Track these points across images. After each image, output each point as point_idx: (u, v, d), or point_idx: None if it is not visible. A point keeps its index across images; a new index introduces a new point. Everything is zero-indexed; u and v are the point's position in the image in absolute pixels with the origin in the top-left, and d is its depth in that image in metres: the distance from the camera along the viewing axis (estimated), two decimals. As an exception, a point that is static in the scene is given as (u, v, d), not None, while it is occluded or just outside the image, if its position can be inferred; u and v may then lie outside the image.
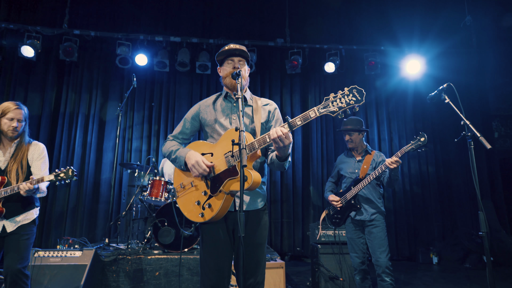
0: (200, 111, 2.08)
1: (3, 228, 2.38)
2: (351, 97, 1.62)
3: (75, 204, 5.76)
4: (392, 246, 6.10)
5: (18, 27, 5.81)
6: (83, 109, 6.05)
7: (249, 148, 1.73)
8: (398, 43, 6.50)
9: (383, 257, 2.84)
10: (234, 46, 2.02)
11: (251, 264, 1.84)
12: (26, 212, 2.47)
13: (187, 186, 1.92)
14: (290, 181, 6.35)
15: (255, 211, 1.91)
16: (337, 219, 3.14)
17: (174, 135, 2.11)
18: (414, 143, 2.65)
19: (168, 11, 6.60)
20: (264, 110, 2.04)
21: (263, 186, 2.00)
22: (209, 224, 1.85)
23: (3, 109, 2.47)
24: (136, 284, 3.50)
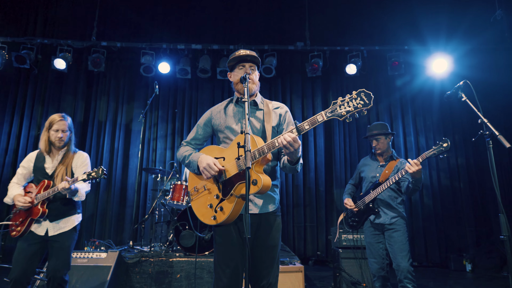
0: (212, 117, 2.12)
1: (46, 231, 2.52)
2: (359, 101, 1.60)
3: (104, 208, 6.02)
4: (421, 252, 5.90)
5: (52, 42, 6.18)
6: (110, 117, 6.33)
7: (259, 152, 1.74)
8: (424, 42, 6.31)
9: (405, 262, 2.74)
10: (244, 52, 2.06)
11: (263, 266, 1.85)
12: (68, 217, 2.60)
13: (200, 189, 1.96)
14: (312, 184, 6.28)
15: (268, 214, 1.92)
16: (354, 222, 3.08)
17: (187, 141, 2.17)
18: (436, 148, 2.56)
19: (190, 19, 6.78)
20: (275, 113, 2.05)
21: (276, 190, 2.00)
22: (222, 226, 1.88)
23: (50, 121, 2.67)
24: (158, 286, 3.59)
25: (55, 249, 2.52)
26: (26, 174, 2.71)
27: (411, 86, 6.42)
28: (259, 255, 1.85)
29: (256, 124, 2.01)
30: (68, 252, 2.55)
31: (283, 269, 3.24)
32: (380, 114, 6.46)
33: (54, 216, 2.55)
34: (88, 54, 6.17)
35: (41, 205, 2.51)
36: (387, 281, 2.96)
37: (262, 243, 1.86)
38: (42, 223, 2.54)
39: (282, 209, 5.96)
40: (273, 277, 1.86)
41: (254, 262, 1.86)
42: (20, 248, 2.49)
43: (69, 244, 2.56)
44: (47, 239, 2.53)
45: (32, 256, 2.48)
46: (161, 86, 6.43)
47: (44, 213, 2.50)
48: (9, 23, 6.43)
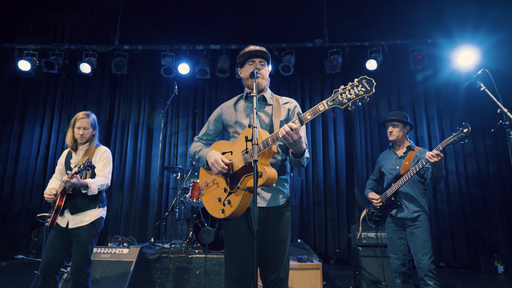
0: (223, 112, 2.15)
1: (67, 223, 2.63)
2: (361, 88, 1.57)
3: (128, 207, 6.21)
4: (448, 252, 5.66)
5: (78, 47, 6.45)
6: (133, 118, 6.53)
7: (263, 144, 1.74)
8: (449, 34, 6.06)
9: (426, 259, 2.66)
10: (254, 48, 2.07)
11: (273, 260, 1.85)
12: (87, 211, 2.67)
13: (210, 184, 1.98)
14: (333, 183, 6.19)
15: (277, 207, 1.92)
16: (377, 217, 3.00)
17: (199, 137, 2.21)
18: (456, 134, 2.46)
19: (208, 20, 6.87)
20: (284, 108, 2.05)
21: (286, 184, 2.00)
22: (231, 220, 1.90)
23: (74, 119, 2.81)
24: (178, 281, 3.66)
25: (75, 243, 2.62)
26: (62, 169, 2.85)
27: (435, 80, 6.18)
28: (268, 249, 1.85)
29: (264, 118, 2.02)
30: (85, 247, 2.61)
31: (301, 266, 3.22)
32: (403, 110, 6.26)
33: (74, 209, 2.65)
34: (112, 58, 6.40)
35: (59, 199, 2.62)
36: (408, 277, 2.87)
37: (271, 237, 1.86)
38: (65, 216, 2.65)
39: (302, 207, 5.98)
40: (284, 272, 1.85)
41: (263, 256, 1.86)
42: (49, 239, 2.63)
43: (87, 239, 2.62)
44: (69, 232, 2.64)
45: (56, 246, 2.59)
46: (181, 86, 6.58)
47: (59, 206, 2.60)
48: (40, 32, 6.78)
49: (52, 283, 2.58)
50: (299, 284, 3.12)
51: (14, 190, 6.19)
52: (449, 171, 5.93)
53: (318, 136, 6.39)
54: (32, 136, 6.44)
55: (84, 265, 2.60)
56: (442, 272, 5.35)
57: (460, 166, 5.92)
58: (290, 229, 1.95)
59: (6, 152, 6.36)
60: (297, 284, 3.11)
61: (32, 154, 6.34)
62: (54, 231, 2.65)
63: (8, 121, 6.49)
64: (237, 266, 1.82)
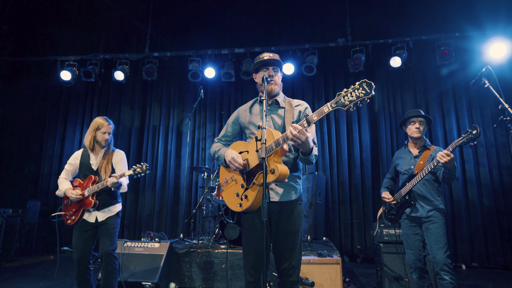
0: (239, 115, 2.34)
1: (96, 218, 2.96)
2: (361, 91, 1.68)
3: (160, 206, 6.57)
4: (481, 252, 5.49)
5: (112, 56, 6.91)
6: (163, 121, 6.90)
7: (275, 144, 1.89)
8: (480, 26, 5.87)
9: (441, 253, 2.67)
10: (268, 56, 2.23)
11: (286, 250, 2.00)
12: (112, 205, 3.03)
13: (229, 180, 2.16)
14: (359, 181, 6.19)
15: (289, 202, 2.06)
16: (392, 215, 3.04)
17: (218, 138, 2.41)
18: (465, 136, 2.48)
19: (233, 25, 7.10)
20: (295, 110, 2.19)
21: (298, 180, 2.14)
22: (247, 213, 2.06)
23: (98, 124, 3.10)
24: (206, 274, 3.88)
25: (104, 230, 2.94)
26: (73, 170, 3.16)
27: (465, 75, 5.99)
28: (281, 240, 2.00)
29: (277, 120, 2.17)
30: (113, 232, 2.95)
31: (321, 261, 3.32)
32: (430, 107, 6.14)
33: (101, 206, 2.97)
34: (143, 65, 6.79)
35: (91, 197, 2.94)
36: (424, 272, 2.89)
37: (284, 229, 2.01)
38: (92, 212, 2.97)
39: (327, 205, 6.05)
40: (296, 261, 2.00)
41: (277, 246, 2.02)
42: (77, 235, 2.96)
43: (114, 226, 2.97)
44: (97, 225, 2.96)
45: (87, 240, 2.93)
46: (208, 90, 6.86)
47: (95, 204, 2.93)
48: (78, 43, 7.33)
49: (88, 272, 2.94)
50: (319, 277, 3.23)
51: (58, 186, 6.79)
52: (480, 163, 5.73)
53: (343, 134, 6.42)
54: (74, 137, 7.05)
55: (113, 248, 2.92)
56: (474, 272, 5.20)
57: (494, 167, 5.70)
58: (302, 222, 2.08)
59: (52, 151, 7.02)
60: (317, 277, 3.22)
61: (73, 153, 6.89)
62: (82, 227, 2.96)
63: (53, 125, 7.16)
64: (253, 254, 1.98)
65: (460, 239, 5.58)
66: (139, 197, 6.65)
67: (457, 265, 5.56)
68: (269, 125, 2.15)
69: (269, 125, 2.15)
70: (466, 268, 5.47)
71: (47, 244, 6.40)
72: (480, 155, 5.78)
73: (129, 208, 6.62)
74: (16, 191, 6.92)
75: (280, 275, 2.02)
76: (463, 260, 5.52)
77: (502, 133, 5.78)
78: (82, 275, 2.90)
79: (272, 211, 2.05)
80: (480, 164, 5.75)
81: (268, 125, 2.15)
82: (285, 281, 2.00)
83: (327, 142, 6.45)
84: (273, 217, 2.05)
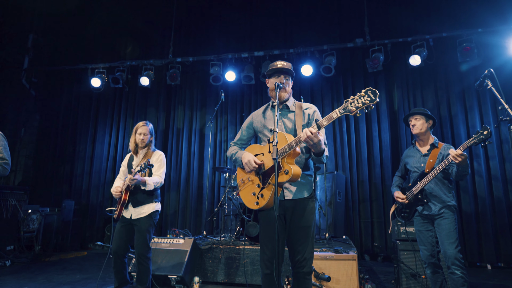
0: (253, 120, 2.52)
1: (131, 215, 3.18)
2: (366, 98, 1.80)
3: (184, 205, 6.87)
4: (508, 252, 5.37)
5: (138, 63, 7.27)
6: (186, 123, 7.20)
7: (289, 147, 2.05)
8: (505, 20, 5.75)
9: (452, 248, 2.72)
10: (281, 65, 2.38)
11: (298, 243, 2.16)
12: (145, 204, 3.20)
13: (245, 181, 2.34)
14: (379, 180, 6.21)
15: (302, 199, 2.22)
16: (405, 213, 3.11)
17: (234, 142, 2.60)
18: (476, 137, 2.54)
19: (252, 29, 7.30)
20: (305, 113, 2.33)
21: (310, 178, 2.29)
22: (264, 211, 2.23)
23: (136, 127, 3.38)
24: (228, 269, 4.08)
25: (136, 231, 3.15)
26: (125, 170, 3.41)
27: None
28: (294, 234, 2.16)
29: (288, 124, 2.33)
30: (144, 235, 3.12)
31: (337, 257, 3.44)
32: (452, 104, 6.06)
33: (136, 203, 3.18)
34: (167, 70, 7.11)
35: (124, 194, 3.16)
36: (438, 268, 2.94)
37: (297, 224, 2.17)
38: (129, 209, 3.19)
39: (347, 204, 6.12)
40: (308, 253, 2.15)
41: (290, 240, 2.19)
42: (116, 229, 3.20)
43: (146, 228, 3.13)
44: (132, 222, 3.17)
45: (122, 234, 3.14)
46: (229, 92, 7.09)
47: (125, 200, 3.14)
48: (107, 51, 7.77)
49: (122, 265, 3.17)
50: (335, 273, 3.34)
51: (90, 186, 7.28)
52: (506, 159, 5.61)
53: (362, 134, 6.45)
54: (103, 139, 7.52)
55: (144, 251, 3.12)
56: (499, 272, 5.12)
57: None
58: (314, 218, 2.23)
59: (84, 152, 7.53)
60: (334, 273, 3.34)
61: (104, 154, 7.42)
62: (120, 222, 3.21)
63: (84, 128, 7.67)
64: (269, 247, 2.15)
65: (485, 238, 5.49)
66: (164, 196, 6.98)
67: (482, 265, 5.48)
68: (280, 129, 2.30)
69: (280, 128, 2.30)
70: (491, 268, 5.38)
71: (81, 240, 6.86)
72: (506, 152, 5.65)
73: (155, 207, 6.95)
74: (52, 191, 7.46)
75: (293, 266, 2.18)
76: (489, 260, 5.43)
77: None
78: (117, 267, 3.14)
79: (287, 207, 2.21)
80: (506, 160, 5.63)
81: (280, 128, 2.30)
82: (298, 272, 2.16)
83: (347, 141, 6.50)
84: (288, 213, 2.21)
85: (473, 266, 5.49)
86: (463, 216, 5.64)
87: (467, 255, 5.51)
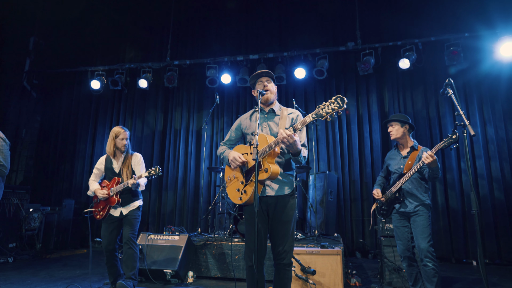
0: (241, 123, 2.73)
1: (121, 212, 3.47)
2: (335, 104, 2.00)
3: (182, 204, 7.06)
4: (492, 249, 5.58)
5: (136, 65, 7.47)
6: (184, 125, 7.40)
7: (268, 147, 2.24)
8: (491, 25, 5.95)
9: (424, 243, 2.94)
10: (260, 71, 2.62)
11: (279, 236, 2.36)
12: (133, 202, 3.54)
13: (232, 178, 2.53)
14: (369, 179, 6.40)
15: (283, 196, 2.41)
16: (384, 210, 3.34)
17: (224, 142, 2.80)
18: (446, 140, 2.76)
19: (248, 33, 7.50)
20: (289, 118, 2.53)
21: (291, 178, 2.49)
22: (247, 206, 2.43)
23: (116, 133, 3.61)
24: (220, 265, 4.27)
25: (126, 221, 3.45)
26: (99, 173, 3.69)
27: (476, 73, 6.09)
28: (275, 228, 2.36)
29: (273, 127, 2.53)
30: (134, 222, 3.46)
31: (323, 252, 3.63)
32: (440, 106, 6.26)
33: (125, 203, 3.48)
34: (164, 72, 7.30)
35: (115, 196, 3.45)
36: (413, 261, 3.16)
37: (278, 219, 2.37)
38: (118, 208, 3.49)
39: (339, 203, 6.31)
40: (288, 246, 2.35)
41: (272, 233, 2.39)
42: (104, 227, 3.49)
43: (135, 217, 3.48)
44: (122, 218, 3.47)
45: (112, 231, 3.45)
46: (225, 95, 7.29)
47: (118, 202, 3.44)
48: (107, 55, 7.97)
49: (115, 259, 3.46)
50: (321, 267, 3.54)
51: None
52: (491, 157, 5.80)
53: (354, 135, 6.64)
54: (103, 139, 7.71)
55: (132, 235, 3.42)
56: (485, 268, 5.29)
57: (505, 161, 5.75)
58: (294, 213, 2.43)
59: (84, 152, 7.74)
60: (319, 267, 3.53)
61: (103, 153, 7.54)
62: (108, 221, 3.49)
63: (84, 128, 7.88)
64: (253, 240, 2.33)
65: (471, 235, 5.68)
66: (162, 196, 7.17)
67: (468, 261, 5.68)
68: (266, 131, 2.51)
69: (266, 131, 2.51)
70: (477, 265, 5.56)
71: (81, 238, 7.05)
72: (491, 151, 5.85)
73: (153, 206, 7.15)
74: (53, 189, 7.66)
75: (274, 258, 2.37)
76: (474, 256, 5.61)
77: (512, 130, 5.84)
78: (110, 261, 3.43)
79: (269, 204, 2.40)
80: (491, 160, 5.82)
81: (266, 131, 2.51)
82: (279, 264, 2.35)
83: (339, 142, 6.69)
84: (270, 209, 2.40)
85: (459, 263, 5.69)
86: (450, 214, 5.84)
87: (453, 252, 5.71)
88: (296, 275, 3.52)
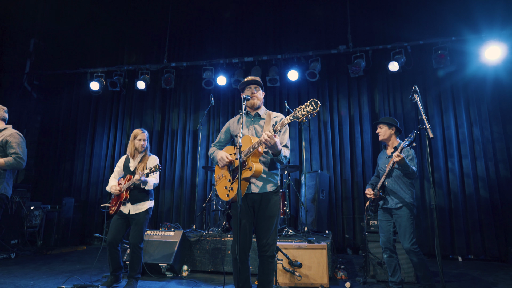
0: (230, 126, 2.95)
1: (129, 211, 3.63)
2: (310, 107, 2.20)
3: (178, 202, 7.27)
4: (478, 245, 5.80)
5: (134, 67, 7.68)
6: (181, 125, 7.60)
7: (252, 147, 2.45)
8: (476, 30, 6.17)
9: (406, 243, 3.21)
10: (250, 78, 2.82)
11: (263, 231, 2.56)
12: (142, 202, 3.67)
13: (220, 177, 2.74)
14: (360, 178, 6.61)
15: (267, 193, 2.62)
16: (372, 207, 3.60)
17: (214, 143, 3.01)
18: (407, 139, 3.04)
19: (243, 35, 7.70)
20: (273, 121, 2.74)
21: (275, 176, 2.70)
22: (234, 202, 2.63)
23: (135, 134, 3.83)
24: (214, 259, 4.48)
25: (133, 224, 3.60)
26: (119, 171, 3.88)
27: (463, 76, 6.30)
28: (260, 222, 2.57)
29: (258, 129, 2.74)
30: (141, 228, 3.59)
31: (310, 246, 3.84)
32: (429, 107, 6.46)
33: (134, 200, 3.64)
34: (162, 74, 7.51)
35: (125, 192, 3.62)
36: (393, 253, 3.42)
37: (262, 214, 2.57)
38: (127, 205, 3.65)
39: (331, 202, 6.54)
40: (271, 239, 2.55)
41: (257, 227, 2.59)
42: (113, 221, 3.65)
43: (142, 222, 3.60)
44: (129, 217, 3.63)
45: (118, 226, 3.61)
46: (220, 96, 7.50)
47: (126, 198, 3.60)
48: (106, 57, 8.18)
49: (116, 253, 3.62)
50: (307, 260, 3.74)
51: (89, 183, 7.69)
52: (477, 157, 6.02)
53: (346, 135, 6.85)
54: (102, 139, 7.92)
55: (138, 241, 3.57)
56: (468, 263, 5.51)
57: (490, 161, 5.96)
58: (278, 209, 2.63)
59: (83, 151, 7.94)
60: (306, 260, 3.74)
61: (102, 153, 7.84)
62: (117, 216, 3.66)
63: (84, 128, 8.08)
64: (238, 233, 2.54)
65: (457, 232, 5.90)
66: (159, 194, 7.38)
67: (454, 257, 5.89)
68: (252, 133, 2.72)
69: (252, 133, 2.72)
70: (462, 260, 5.78)
71: (81, 236, 7.25)
72: (477, 152, 6.06)
73: (151, 204, 7.35)
74: (53, 188, 7.87)
75: (259, 250, 2.57)
76: (460, 252, 5.83)
77: (498, 131, 6.04)
78: (112, 255, 3.60)
79: (255, 200, 2.60)
80: (477, 159, 6.04)
81: (251, 133, 2.72)
82: (263, 256, 2.56)
83: (331, 142, 6.89)
84: (255, 205, 2.61)
85: (445, 259, 5.89)
86: (437, 212, 6.03)
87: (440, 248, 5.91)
88: (283, 268, 3.73)
